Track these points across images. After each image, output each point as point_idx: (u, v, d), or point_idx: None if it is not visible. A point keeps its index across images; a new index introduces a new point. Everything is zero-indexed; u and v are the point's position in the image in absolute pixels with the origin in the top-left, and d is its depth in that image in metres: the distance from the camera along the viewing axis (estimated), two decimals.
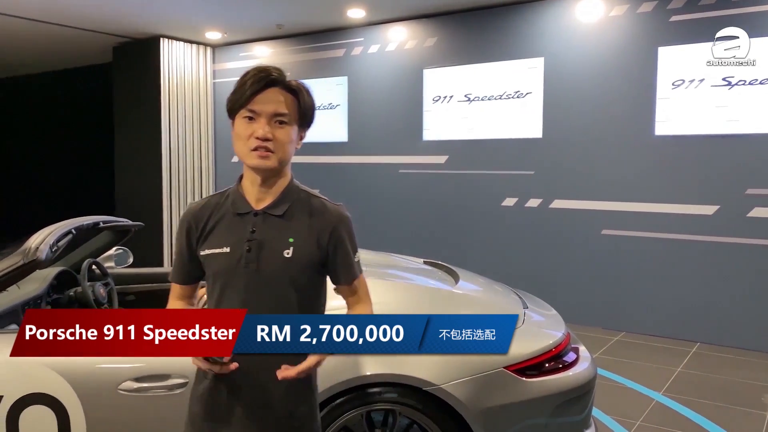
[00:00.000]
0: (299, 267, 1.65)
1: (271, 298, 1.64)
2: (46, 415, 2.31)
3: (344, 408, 2.38)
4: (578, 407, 2.66)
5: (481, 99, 6.45)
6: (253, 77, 1.61)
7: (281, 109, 1.61)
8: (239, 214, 1.67)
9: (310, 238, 1.66)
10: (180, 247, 1.73)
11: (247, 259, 1.63)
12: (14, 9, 6.69)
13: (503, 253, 6.38)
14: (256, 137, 1.60)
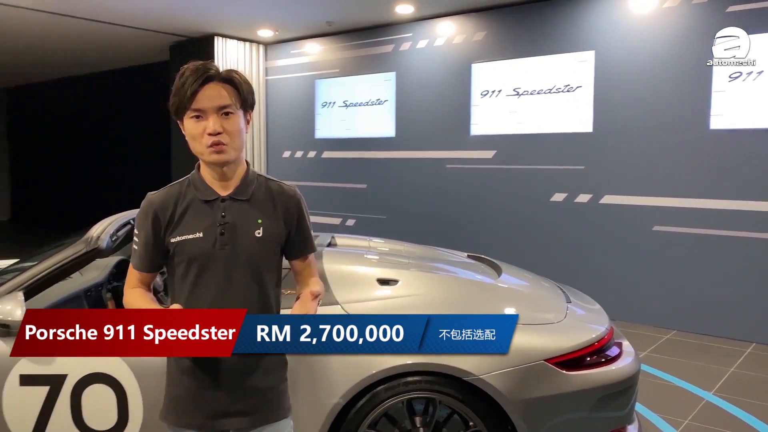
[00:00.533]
0: (270, 245, 1.78)
1: (247, 276, 1.74)
2: (106, 393, 2.46)
3: (385, 395, 2.44)
4: (621, 402, 2.65)
5: (530, 93, 6.40)
6: (191, 76, 1.68)
7: (224, 101, 1.70)
8: (206, 201, 1.76)
9: (276, 218, 1.79)
10: (146, 236, 1.77)
11: (222, 242, 1.73)
12: (81, 11, 7.02)
13: (551, 249, 6.33)
14: (208, 133, 1.68)
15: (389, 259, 3.11)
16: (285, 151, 8.67)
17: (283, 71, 8.63)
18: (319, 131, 8.26)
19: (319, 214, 8.13)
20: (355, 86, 7.85)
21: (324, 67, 8.16)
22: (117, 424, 2.48)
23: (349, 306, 2.59)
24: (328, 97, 8.13)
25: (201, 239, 1.73)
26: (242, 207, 1.77)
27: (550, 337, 2.58)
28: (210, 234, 1.73)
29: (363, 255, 3.10)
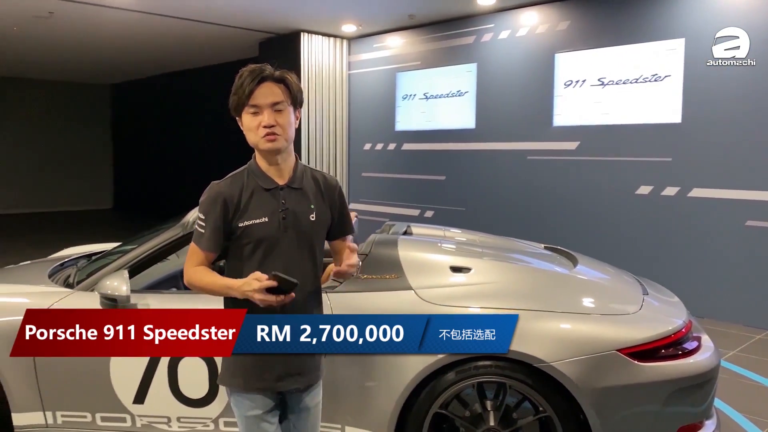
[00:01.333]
0: (320, 227, 2.04)
1: (304, 255, 2.00)
2: (199, 365, 2.69)
3: (456, 378, 2.53)
4: (697, 397, 2.62)
5: (615, 83, 6.25)
6: (248, 77, 1.93)
7: (277, 98, 1.94)
8: (267, 190, 1.98)
9: (324, 203, 2.06)
10: (214, 221, 1.95)
11: (284, 226, 1.96)
12: (177, 11, 7.46)
13: (636, 243, 6.17)
14: (263, 126, 1.93)
15: (463, 248, 3.18)
16: (366, 144, 8.86)
17: (366, 65, 8.81)
18: (399, 123, 8.38)
19: (398, 205, 8.28)
20: (435, 78, 7.91)
21: (405, 60, 8.27)
22: (208, 394, 2.71)
23: (422, 291, 2.69)
24: (409, 90, 8.23)
25: (267, 223, 1.95)
26: (297, 194, 2.01)
27: (623, 328, 2.58)
28: (274, 218, 1.96)
29: (437, 243, 3.19)
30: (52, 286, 3.02)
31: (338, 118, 8.93)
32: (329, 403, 2.64)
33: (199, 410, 2.72)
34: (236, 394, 1.99)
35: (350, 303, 2.72)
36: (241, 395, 1.98)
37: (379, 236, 3.05)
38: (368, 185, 8.87)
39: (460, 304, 2.64)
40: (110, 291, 2.65)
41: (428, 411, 2.55)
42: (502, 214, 7.20)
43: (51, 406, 2.81)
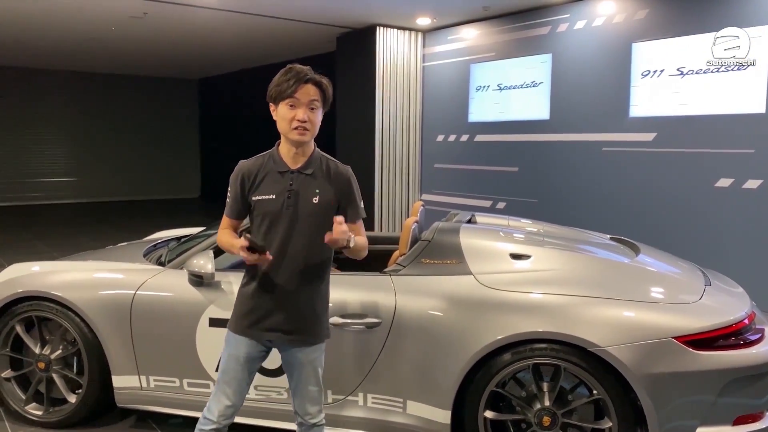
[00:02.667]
0: (323, 209, 2.30)
1: (303, 230, 2.29)
2: None
3: (512, 359, 2.65)
4: (756, 389, 2.62)
5: (695, 72, 6.08)
6: (295, 76, 2.24)
7: (315, 97, 2.27)
8: (280, 172, 2.31)
9: (331, 189, 2.33)
10: (235, 192, 2.34)
11: (287, 204, 2.28)
12: (259, 8, 7.83)
13: (714, 237, 6.00)
14: (297, 119, 2.24)
15: (524, 237, 3.27)
16: (438, 135, 8.97)
17: (440, 57, 8.90)
18: (472, 115, 8.44)
19: (470, 196, 8.35)
20: (509, 69, 7.91)
21: (479, 51, 8.31)
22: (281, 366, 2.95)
23: (481, 276, 2.83)
24: (483, 81, 8.28)
25: (273, 200, 2.29)
26: (306, 179, 2.32)
27: (681, 316, 2.62)
28: (280, 197, 2.29)
29: (498, 231, 3.30)
30: (146, 264, 3.36)
31: (412, 110, 9.09)
32: (392, 379, 2.83)
33: (274, 380, 2.97)
34: (229, 335, 2.36)
35: (412, 285, 2.89)
36: (232, 335, 2.35)
37: (442, 224, 3.20)
38: (440, 176, 8.99)
39: (518, 290, 2.76)
40: (197, 269, 2.94)
41: (485, 389, 2.68)
42: (575, 207, 7.15)
43: (145, 371, 3.15)
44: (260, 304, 2.30)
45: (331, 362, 2.88)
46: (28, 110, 14.43)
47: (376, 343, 2.83)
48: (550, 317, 2.64)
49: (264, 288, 2.30)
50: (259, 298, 2.30)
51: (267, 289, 2.29)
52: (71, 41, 10.37)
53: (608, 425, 2.60)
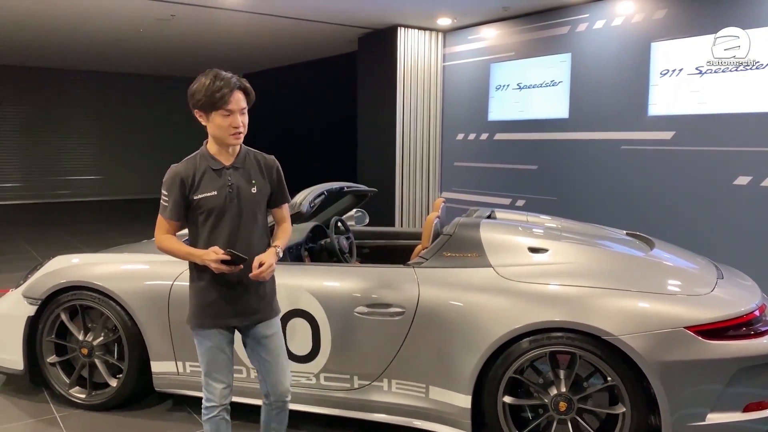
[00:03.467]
0: (261, 197, 2.55)
1: (248, 220, 2.50)
2: (304, 326, 3.11)
3: (530, 346, 2.79)
4: (763, 380, 2.71)
5: (714, 72, 6.14)
6: (226, 85, 2.38)
7: (244, 104, 2.44)
8: (216, 170, 2.48)
9: (263, 178, 2.57)
10: (175, 195, 2.45)
11: (230, 197, 2.47)
12: (282, 11, 8.01)
13: (732, 234, 6.06)
14: (233, 126, 2.42)
15: (542, 231, 3.40)
16: (459, 134, 9.09)
17: (460, 57, 9.03)
18: (492, 114, 8.56)
19: (489, 194, 8.47)
20: (529, 69, 8.02)
21: (499, 51, 8.42)
22: (310, 352, 3.13)
23: (500, 269, 2.97)
24: (503, 80, 8.39)
25: (216, 196, 2.46)
26: (241, 173, 2.52)
27: (692, 307, 2.73)
28: (222, 192, 2.47)
29: (517, 227, 3.43)
30: None
31: (432, 109, 9.22)
32: (415, 365, 2.99)
33: (304, 365, 3.14)
34: (198, 331, 2.53)
35: (434, 277, 3.04)
36: (199, 331, 2.52)
37: (463, 219, 3.34)
38: (460, 174, 9.12)
39: (536, 281, 2.90)
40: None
41: (504, 375, 2.82)
42: (594, 204, 7.24)
43: (182, 357, 3.34)
44: (219, 296, 2.48)
45: (357, 349, 3.06)
46: (56, 110, 14.82)
47: (400, 332, 2.99)
48: (566, 307, 2.77)
49: (219, 281, 2.47)
50: (216, 291, 2.48)
51: (222, 281, 2.47)
52: (100, 43, 10.67)
53: (622, 410, 2.72)
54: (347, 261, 4.10)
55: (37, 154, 14.80)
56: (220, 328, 2.51)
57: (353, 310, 3.03)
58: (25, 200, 14.52)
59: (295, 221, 3.48)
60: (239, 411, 3.41)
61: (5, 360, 3.63)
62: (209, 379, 2.53)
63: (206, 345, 2.52)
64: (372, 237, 4.64)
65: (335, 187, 4.06)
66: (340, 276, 3.24)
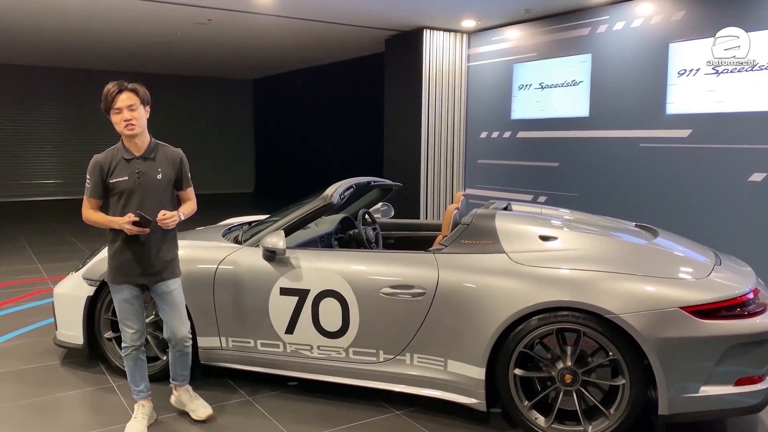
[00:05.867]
0: (167, 182, 3.19)
1: (154, 202, 3.12)
2: (335, 305, 3.45)
3: (538, 324, 3.08)
4: (757, 356, 2.97)
5: (730, 71, 6.33)
6: (111, 91, 3.04)
7: (133, 101, 3.06)
8: (127, 159, 3.12)
9: (169, 166, 3.20)
10: (95, 179, 3.10)
11: (138, 183, 3.10)
12: (312, 14, 8.37)
13: (747, 229, 6.24)
14: (124, 120, 3.05)
15: (553, 221, 3.68)
16: (482, 132, 9.36)
17: (484, 57, 9.29)
18: (515, 112, 8.81)
19: (512, 190, 8.73)
20: (551, 69, 8.25)
21: (522, 51, 8.67)
22: (341, 329, 3.46)
23: (513, 255, 3.26)
24: (525, 80, 8.63)
25: (126, 180, 3.10)
26: (149, 162, 3.15)
27: (688, 290, 3.00)
28: (131, 177, 3.10)
29: (529, 217, 3.72)
30: (226, 243, 3.92)
31: (456, 108, 9.51)
32: (435, 341, 3.30)
33: (334, 341, 3.48)
34: (112, 285, 3.19)
35: (452, 262, 3.35)
36: (113, 286, 3.18)
37: (480, 210, 3.64)
38: (483, 172, 9.39)
39: (545, 266, 3.19)
40: (271, 246, 3.48)
41: (515, 350, 3.12)
42: (613, 200, 7.45)
43: (225, 333, 3.70)
44: (129, 258, 3.14)
45: (382, 326, 3.38)
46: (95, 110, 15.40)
47: (421, 311, 3.30)
48: (572, 289, 3.06)
49: (130, 247, 3.13)
50: (127, 254, 3.13)
51: (131, 247, 3.13)
52: (139, 45, 11.17)
53: (622, 382, 3.00)
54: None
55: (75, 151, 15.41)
56: (129, 284, 3.16)
57: (379, 291, 3.36)
58: (64, 196, 15.17)
59: (326, 212, 3.84)
60: (272, 382, 3.78)
61: (67, 335, 4.04)
62: (123, 326, 3.22)
63: (119, 297, 3.19)
64: (396, 228, 4.96)
65: (363, 181, 4.39)
66: (367, 261, 3.57)
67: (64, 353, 4.34)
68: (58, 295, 4.12)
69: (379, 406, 3.56)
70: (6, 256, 7.89)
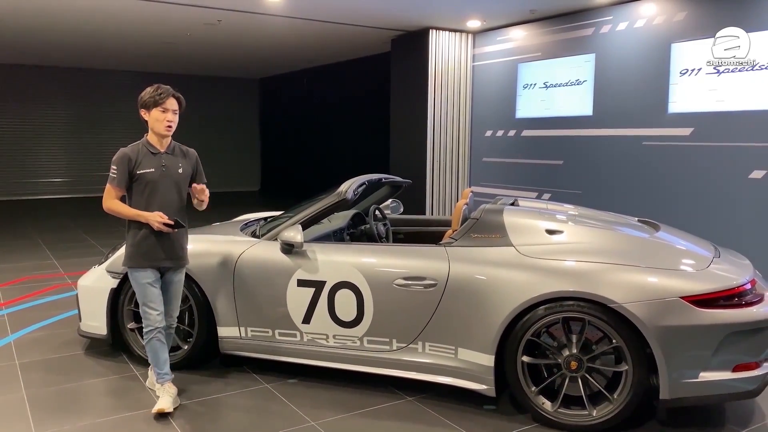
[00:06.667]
0: (186, 176, 3.53)
1: (175, 193, 3.46)
2: (350, 296, 3.60)
3: (545, 313, 3.23)
4: (754, 343, 3.12)
5: (731, 71, 6.46)
6: (164, 93, 3.37)
7: (176, 107, 3.43)
8: (153, 153, 3.43)
9: (188, 163, 3.55)
10: (123, 169, 3.35)
11: (163, 174, 3.41)
12: (319, 14, 8.53)
13: (747, 225, 6.38)
14: (167, 120, 3.39)
15: (559, 216, 3.83)
16: (487, 131, 9.51)
17: (489, 57, 9.44)
18: (519, 111, 8.96)
19: (516, 188, 8.87)
20: (555, 68, 8.40)
21: (526, 51, 8.82)
22: (355, 318, 3.62)
23: (521, 248, 3.42)
24: (529, 79, 8.78)
25: (153, 172, 3.39)
26: (171, 157, 3.48)
27: (688, 281, 3.15)
28: (157, 170, 3.40)
29: (536, 211, 3.88)
30: (245, 237, 4.08)
31: (462, 107, 9.66)
32: (446, 329, 3.45)
33: (349, 330, 3.64)
34: (133, 270, 3.42)
35: (462, 255, 3.50)
36: (137, 270, 3.41)
37: (488, 205, 3.79)
38: (488, 169, 9.55)
39: (552, 258, 3.34)
40: (289, 239, 3.64)
41: (523, 338, 3.27)
42: (617, 198, 7.59)
43: (244, 323, 3.86)
44: (153, 243, 3.39)
45: (395, 316, 3.54)
46: (103, 109, 15.62)
47: (432, 301, 3.46)
48: (577, 279, 3.21)
49: (153, 232, 3.37)
50: (152, 239, 3.38)
51: (156, 234, 3.38)
52: (148, 45, 11.34)
53: (625, 368, 3.15)
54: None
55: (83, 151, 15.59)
56: (153, 268, 3.42)
57: (392, 282, 3.52)
58: (73, 194, 15.35)
59: (340, 207, 3.99)
60: (290, 370, 3.94)
61: (91, 326, 4.21)
62: (146, 308, 3.43)
63: (142, 281, 3.42)
64: (406, 224, 5.12)
65: (375, 178, 4.54)
66: (381, 254, 3.73)
67: (87, 344, 4.51)
68: (82, 287, 4.29)
69: (391, 392, 3.72)
70: (22, 253, 8.06)
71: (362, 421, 3.40)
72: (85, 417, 3.41)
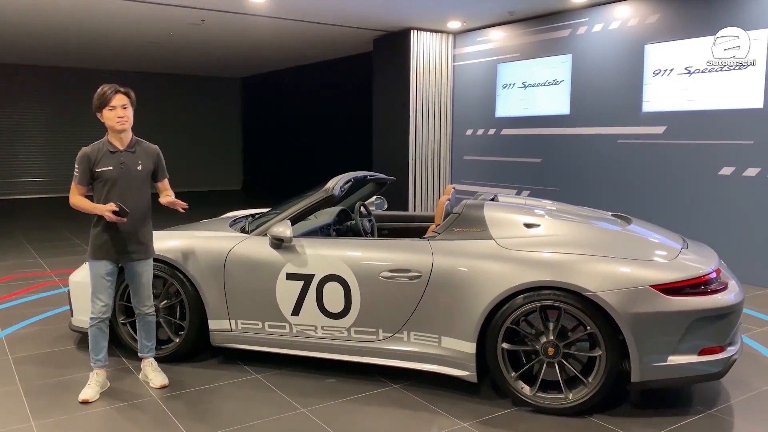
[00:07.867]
0: (146, 173, 3.69)
1: (134, 189, 3.60)
2: (338, 288, 3.75)
3: (523, 302, 3.40)
4: (719, 327, 3.32)
5: (701, 71, 6.72)
6: (108, 92, 3.53)
7: (125, 102, 3.56)
8: (112, 152, 3.58)
9: (148, 159, 3.69)
10: (83, 168, 3.53)
11: (121, 172, 3.56)
12: (302, 15, 8.64)
13: (717, 221, 6.64)
14: (117, 117, 3.53)
15: (536, 211, 4.01)
16: (468, 129, 9.71)
17: (469, 57, 9.64)
18: (499, 110, 9.17)
19: (496, 185, 9.08)
20: (533, 68, 8.61)
21: (505, 52, 9.02)
22: (343, 310, 3.76)
23: (500, 240, 3.59)
24: (509, 79, 8.99)
25: (111, 170, 3.55)
26: (130, 154, 3.62)
27: (656, 270, 3.34)
28: (116, 167, 3.56)
29: (515, 206, 4.05)
30: (234, 233, 4.20)
31: (443, 106, 9.84)
32: (430, 319, 3.61)
33: (337, 321, 3.78)
34: (91, 262, 3.60)
35: (445, 248, 3.66)
36: (92, 261, 3.59)
37: (469, 201, 3.96)
38: (469, 167, 9.75)
39: (529, 249, 3.51)
40: (279, 234, 3.77)
41: (503, 326, 3.44)
42: (593, 194, 7.83)
43: (234, 315, 3.99)
44: (108, 239, 3.57)
45: (381, 307, 3.69)
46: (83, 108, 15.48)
47: (417, 292, 3.62)
48: (554, 270, 3.38)
49: (110, 228, 3.56)
50: (107, 234, 3.56)
51: (113, 229, 3.55)
52: (134, 45, 11.36)
53: (599, 353, 3.34)
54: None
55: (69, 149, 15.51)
56: (107, 260, 3.58)
57: (379, 275, 3.67)
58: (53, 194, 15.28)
59: (327, 204, 4.13)
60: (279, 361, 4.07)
61: (83, 321, 4.29)
62: (94, 298, 3.60)
63: (96, 272, 3.59)
64: (390, 220, 5.27)
65: (360, 175, 4.69)
66: (368, 248, 3.88)
67: (79, 338, 4.60)
68: (73, 282, 4.38)
69: (378, 380, 3.87)
70: (7, 252, 8.08)
71: (350, 407, 3.54)
72: (82, 407, 3.52)
